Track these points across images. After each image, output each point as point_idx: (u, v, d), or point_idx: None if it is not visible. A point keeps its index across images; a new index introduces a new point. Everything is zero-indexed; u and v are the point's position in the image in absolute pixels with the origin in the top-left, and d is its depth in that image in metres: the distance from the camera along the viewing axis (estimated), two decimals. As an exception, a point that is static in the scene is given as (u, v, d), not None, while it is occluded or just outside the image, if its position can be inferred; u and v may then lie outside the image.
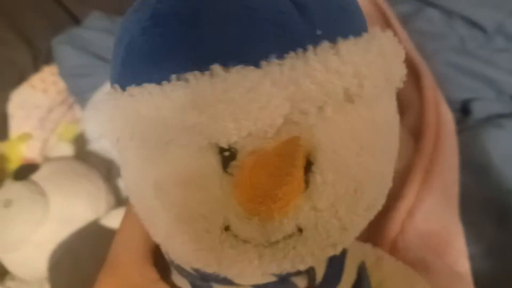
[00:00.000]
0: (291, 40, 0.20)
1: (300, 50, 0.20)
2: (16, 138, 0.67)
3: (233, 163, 0.20)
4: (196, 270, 0.26)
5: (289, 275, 0.26)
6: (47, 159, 0.64)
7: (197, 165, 0.21)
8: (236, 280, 0.25)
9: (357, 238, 0.49)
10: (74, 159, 0.60)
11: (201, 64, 0.19)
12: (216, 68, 0.19)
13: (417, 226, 0.46)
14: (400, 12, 0.69)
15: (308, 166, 0.21)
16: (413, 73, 0.60)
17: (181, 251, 0.24)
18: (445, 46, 0.67)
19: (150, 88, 0.20)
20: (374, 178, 0.23)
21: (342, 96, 0.20)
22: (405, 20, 0.68)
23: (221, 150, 0.20)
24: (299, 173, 0.20)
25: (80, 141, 0.65)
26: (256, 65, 0.19)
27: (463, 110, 0.64)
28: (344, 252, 0.28)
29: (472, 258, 0.47)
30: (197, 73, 0.19)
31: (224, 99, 0.19)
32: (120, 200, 0.57)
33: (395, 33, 0.60)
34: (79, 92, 0.68)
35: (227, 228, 0.22)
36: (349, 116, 0.21)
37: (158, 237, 0.25)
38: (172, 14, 0.21)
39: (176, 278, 0.28)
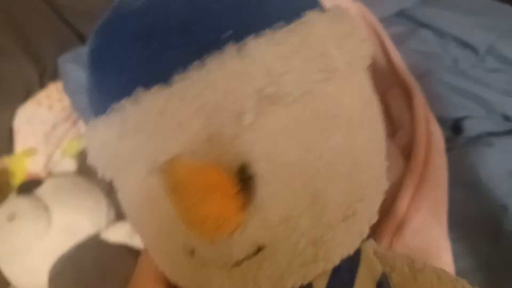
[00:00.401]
0: (196, 49, 0.19)
1: (205, 58, 0.19)
2: (21, 152, 0.69)
3: None
4: None
5: None
6: (50, 175, 0.66)
7: (148, 189, 0.21)
8: None
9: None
10: (77, 174, 0.62)
11: (128, 91, 0.19)
12: (138, 92, 0.19)
13: (405, 242, 0.47)
14: (395, 32, 0.71)
15: (250, 180, 0.19)
16: (406, 93, 0.62)
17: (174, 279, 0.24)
18: (439, 65, 0.68)
19: (98, 121, 0.21)
20: (336, 181, 0.20)
21: (255, 99, 0.18)
22: (400, 40, 0.69)
23: None
24: (217, 195, 0.18)
25: (83, 156, 0.66)
26: (169, 82, 0.19)
27: (454, 129, 0.65)
28: (353, 264, 0.24)
29: (464, 272, 0.47)
30: (127, 100, 0.19)
31: (145, 123, 0.19)
32: (120, 214, 0.58)
33: (389, 54, 0.62)
34: (84, 109, 0.70)
35: (193, 252, 0.21)
36: (278, 118, 0.19)
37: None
38: (98, 51, 0.22)
39: None
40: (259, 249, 0.20)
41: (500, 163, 0.57)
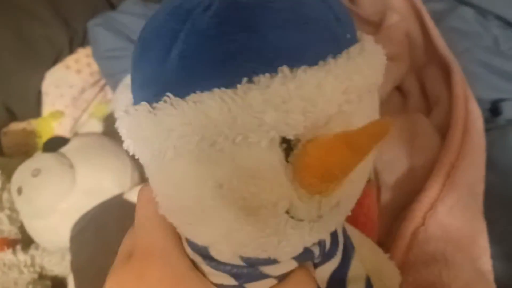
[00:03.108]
0: (336, 43, 0.23)
1: (344, 51, 0.23)
2: (48, 115, 0.69)
3: (295, 152, 0.22)
4: (245, 259, 0.27)
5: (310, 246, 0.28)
6: (76, 134, 0.65)
7: (266, 159, 0.22)
8: (283, 259, 0.27)
9: (378, 228, 0.48)
10: (104, 135, 0.62)
11: (268, 67, 0.21)
12: (285, 69, 0.21)
13: (439, 219, 0.45)
14: (434, 9, 0.69)
15: None
16: (444, 69, 0.60)
17: (237, 244, 0.25)
18: (478, 45, 0.65)
19: (219, 93, 0.21)
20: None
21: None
22: (438, 18, 0.67)
23: (282, 142, 0.22)
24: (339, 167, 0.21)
25: (109, 120, 0.66)
26: (315, 64, 0.22)
27: (493, 111, 0.62)
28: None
29: (494, 257, 0.46)
30: (267, 75, 0.21)
31: (295, 95, 0.21)
32: (145, 177, 0.57)
33: (427, 29, 0.60)
34: (111, 74, 0.70)
35: (287, 211, 0.24)
36: (367, 103, 0.24)
37: (210, 238, 0.26)
38: (231, 22, 0.22)
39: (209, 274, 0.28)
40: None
41: (541, 147, 0.55)
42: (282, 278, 0.28)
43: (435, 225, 0.45)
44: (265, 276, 0.27)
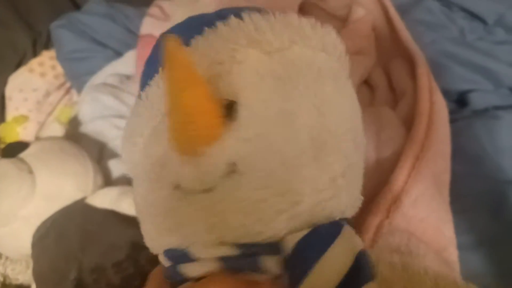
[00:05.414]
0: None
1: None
2: (11, 120, 0.68)
3: None
4: (168, 254, 0.25)
5: (255, 250, 0.23)
6: (37, 138, 0.64)
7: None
8: (197, 252, 0.24)
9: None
10: (64, 139, 0.61)
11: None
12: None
13: (403, 211, 0.45)
14: (399, 2, 0.69)
15: (234, 111, 0.24)
16: (409, 62, 0.60)
17: (152, 228, 0.26)
18: (444, 36, 0.66)
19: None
20: (301, 110, 0.24)
21: (246, 42, 0.26)
22: (404, 10, 0.67)
23: None
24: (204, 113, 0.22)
25: (74, 123, 0.65)
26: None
27: (460, 102, 0.63)
28: (333, 232, 0.23)
29: (462, 247, 0.46)
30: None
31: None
32: (109, 182, 0.57)
33: (393, 23, 0.60)
34: (76, 76, 0.69)
35: (178, 187, 0.25)
36: (259, 60, 0.26)
37: (148, 236, 0.27)
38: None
39: None
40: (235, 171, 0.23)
41: (507, 136, 0.55)
42: None
43: (400, 217, 0.44)
44: (185, 278, 0.24)
